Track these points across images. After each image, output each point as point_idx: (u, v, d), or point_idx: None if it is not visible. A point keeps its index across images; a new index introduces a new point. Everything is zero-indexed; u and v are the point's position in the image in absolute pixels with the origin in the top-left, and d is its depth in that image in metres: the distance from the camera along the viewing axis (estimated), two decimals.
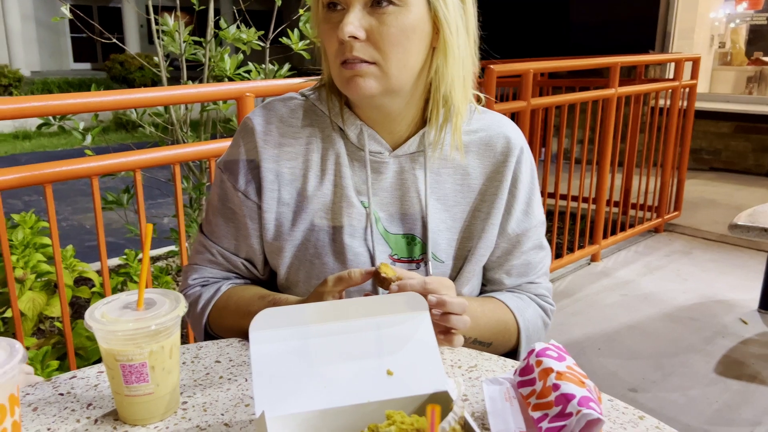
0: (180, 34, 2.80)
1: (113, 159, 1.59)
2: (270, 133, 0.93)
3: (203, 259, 0.99)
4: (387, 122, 0.92)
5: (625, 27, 6.14)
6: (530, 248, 1.01)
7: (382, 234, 0.93)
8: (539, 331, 1.02)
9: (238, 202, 0.94)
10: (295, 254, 0.93)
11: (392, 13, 0.81)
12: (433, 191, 0.94)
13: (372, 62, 0.83)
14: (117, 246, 4.15)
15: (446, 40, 0.85)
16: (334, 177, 0.93)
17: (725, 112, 5.50)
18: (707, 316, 2.72)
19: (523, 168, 0.97)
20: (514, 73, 2.74)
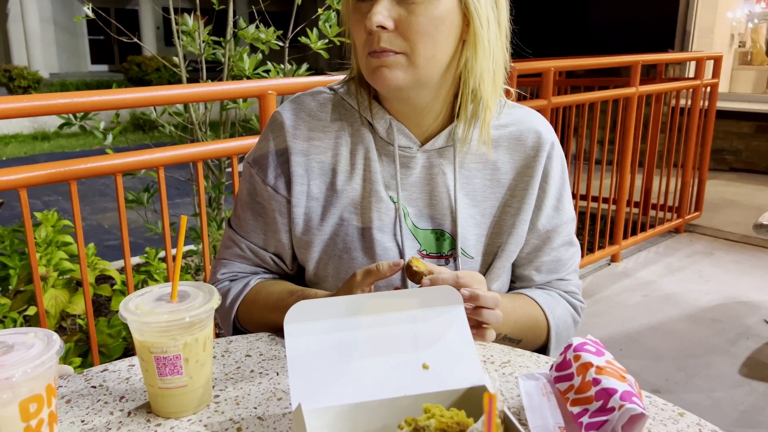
0: (200, 34, 2.81)
1: (137, 156, 1.60)
2: (299, 128, 0.93)
3: (232, 254, 0.99)
4: (415, 116, 0.91)
5: (645, 25, 6.09)
6: (560, 245, 0.99)
7: (410, 229, 0.93)
8: (569, 329, 1.01)
9: (267, 196, 0.94)
10: (323, 249, 0.93)
11: (421, 3, 0.80)
12: (462, 186, 0.93)
13: (400, 52, 0.82)
14: (135, 245, 4.18)
15: (476, 33, 0.84)
16: (363, 171, 0.92)
17: (746, 112, 5.43)
18: (730, 318, 2.68)
19: (554, 163, 0.96)
20: (535, 71, 2.73)
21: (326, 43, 2.86)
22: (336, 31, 2.77)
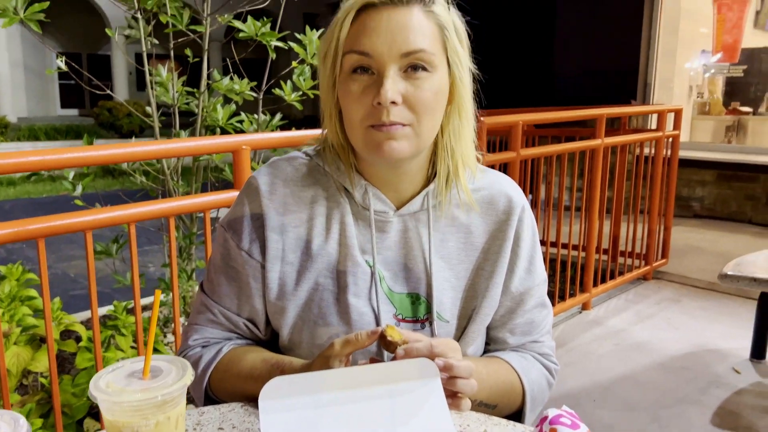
0: (173, 85, 2.82)
1: (108, 212, 1.58)
2: (275, 192, 0.93)
3: (204, 319, 0.97)
4: (395, 181, 0.93)
5: (608, 77, 6.32)
6: (533, 306, 1.01)
7: (386, 293, 0.93)
8: (544, 392, 1.01)
9: (241, 261, 0.93)
10: (298, 314, 0.92)
11: (425, 78, 0.83)
12: (437, 249, 0.94)
13: (407, 124, 0.84)
14: (103, 295, 4.07)
15: (463, 102, 0.89)
16: (339, 236, 0.92)
17: (706, 161, 5.62)
18: (700, 366, 2.72)
19: (525, 227, 0.98)
20: (504, 125, 2.79)
21: (300, 95, 2.90)
22: (310, 84, 2.81)
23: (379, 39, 0.82)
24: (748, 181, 5.38)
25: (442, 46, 0.86)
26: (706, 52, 6.81)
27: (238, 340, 0.98)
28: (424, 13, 0.84)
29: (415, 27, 0.83)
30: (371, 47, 0.82)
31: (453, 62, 0.87)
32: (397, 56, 0.82)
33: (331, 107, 0.89)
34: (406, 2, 0.83)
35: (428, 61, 0.83)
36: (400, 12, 0.83)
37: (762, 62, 6.80)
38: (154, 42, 2.81)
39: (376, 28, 0.82)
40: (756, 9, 6.85)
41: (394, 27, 0.82)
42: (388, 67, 0.82)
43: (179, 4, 2.75)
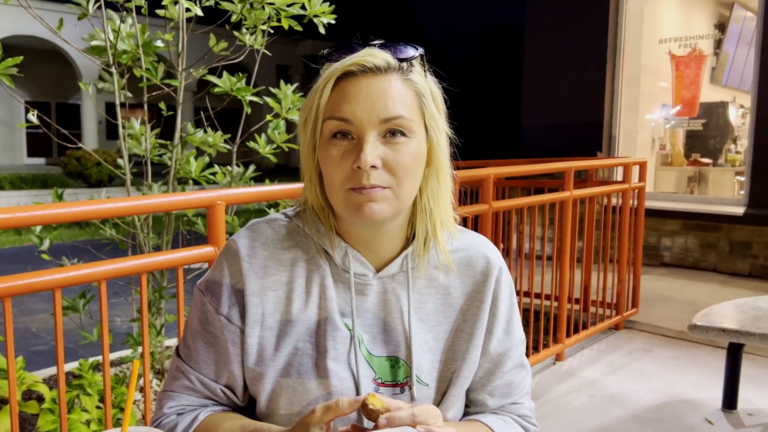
0: (146, 137, 2.82)
1: (78, 270, 1.54)
2: (255, 256, 0.93)
3: (180, 386, 0.95)
4: (374, 242, 0.93)
5: (574, 130, 6.51)
6: (512, 368, 1.00)
7: (365, 357, 0.92)
8: None
9: (220, 326, 0.92)
10: (277, 380, 0.91)
11: (404, 143, 0.86)
12: (416, 311, 0.94)
13: (387, 187, 0.86)
14: (67, 351, 3.94)
15: (441, 166, 0.91)
16: (319, 299, 0.92)
17: (671, 210, 5.77)
18: (674, 417, 2.72)
19: (503, 287, 0.99)
20: (476, 178, 2.84)
21: (274, 148, 2.92)
22: (284, 137, 2.83)
23: (359, 106, 0.84)
24: (712, 230, 5.53)
25: (419, 112, 0.88)
26: (667, 105, 7.08)
27: (215, 406, 0.96)
28: (402, 81, 0.86)
29: (394, 94, 0.85)
30: (351, 114, 0.84)
31: (430, 127, 0.89)
32: (377, 122, 0.84)
33: (311, 170, 0.91)
34: (384, 71, 0.86)
35: (406, 126, 0.85)
36: (378, 80, 0.85)
37: (719, 116, 7.09)
38: (128, 95, 2.82)
39: (356, 96, 0.84)
40: (712, 65, 7.18)
41: (373, 94, 0.84)
42: (367, 133, 0.84)
43: (154, 58, 2.77)
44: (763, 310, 2.64)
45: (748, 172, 5.51)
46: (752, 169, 5.46)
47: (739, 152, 6.91)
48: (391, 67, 0.86)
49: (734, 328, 2.47)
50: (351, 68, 0.85)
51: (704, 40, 7.00)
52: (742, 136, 6.86)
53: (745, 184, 5.60)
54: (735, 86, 7.32)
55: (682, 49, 6.86)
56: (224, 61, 2.87)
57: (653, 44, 6.85)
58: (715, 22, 7.41)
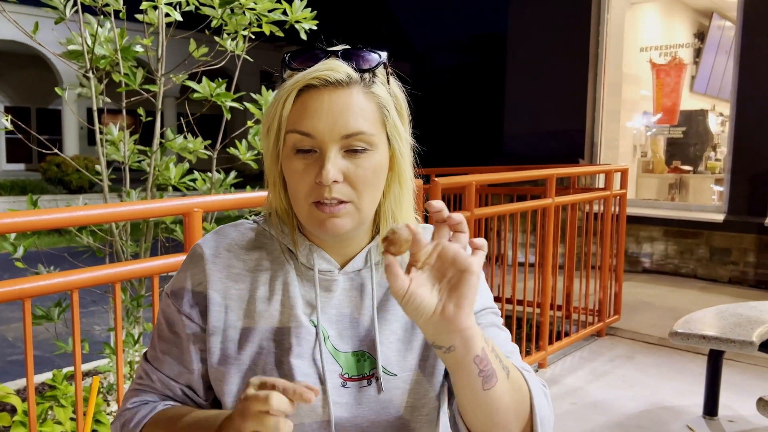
0: (125, 143, 2.78)
1: (48, 279, 1.50)
2: (219, 256, 0.94)
3: (143, 384, 0.97)
4: (337, 245, 0.94)
5: (556, 137, 6.54)
6: (487, 325, 0.95)
7: (331, 352, 0.92)
8: (546, 401, 0.89)
9: (182, 325, 0.93)
10: (241, 379, 0.90)
11: (365, 157, 0.86)
12: (382, 304, 0.95)
13: (348, 201, 0.86)
14: (43, 360, 3.87)
15: (403, 172, 0.92)
16: (282, 297, 0.92)
17: (652, 217, 5.82)
18: (656, 425, 2.72)
19: None
20: (458, 185, 2.83)
21: (255, 154, 2.89)
22: None
23: (321, 121, 0.84)
24: (692, 237, 5.58)
25: (381, 123, 0.88)
26: (648, 113, 7.16)
27: (177, 404, 0.96)
28: (364, 95, 0.86)
29: (356, 110, 0.85)
30: (313, 128, 0.84)
31: (392, 137, 0.90)
32: (338, 138, 0.84)
33: (275, 176, 0.92)
34: (346, 84, 0.85)
35: (368, 141, 0.86)
36: (340, 94, 0.85)
37: (699, 124, 7.17)
38: (106, 100, 2.77)
39: (318, 110, 0.84)
40: (692, 74, 7.27)
41: (335, 109, 0.84)
42: (329, 148, 0.84)
43: (133, 63, 2.74)
44: (743, 317, 2.65)
45: (728, 179, 5.57)
46: (731, 177, 5.52)
47: (718, 160, 7.00)
48: (353, 80, 0.86)
49: (715, 335, 2.47)
50: (312, 82, 0.85)
51: (684, 48, 7.09)
52: (722, 143, 6.95)
53: (725, 191, 5.66)
54: (714, 94, 7.42)
55: (663, 58, 6.94)
56: (205, 67, 2.84)
57: (634, 53, 6.93)
58: (695, 31, 7.52)
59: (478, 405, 0.78)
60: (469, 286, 0.72)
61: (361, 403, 0.90)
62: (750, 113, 5.40)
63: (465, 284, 0.72)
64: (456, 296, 0.72)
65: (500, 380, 0.78)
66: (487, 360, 0.76)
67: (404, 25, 27.24)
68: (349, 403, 0.90)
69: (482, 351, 0.75)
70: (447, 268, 0.74)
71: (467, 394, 0.78)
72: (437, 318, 0.73)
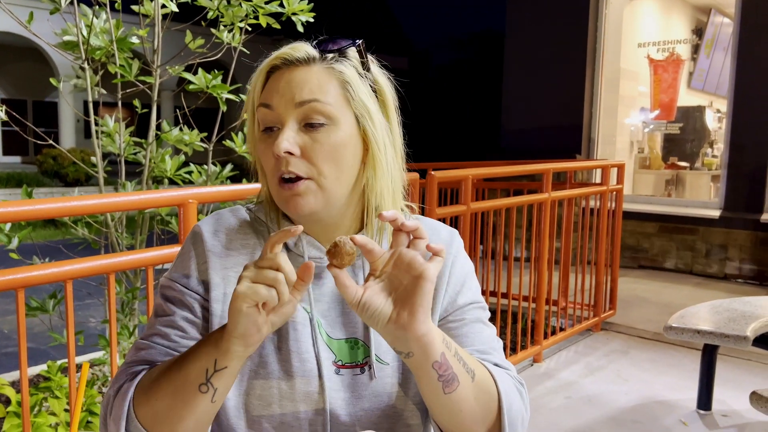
0: (120, 135, 2.77)
1: (42, 270, 1.50)
2: (218, 238, 0.94)
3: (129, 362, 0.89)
4: (326, 231, 0.94)
5: (553, 132, 6.54)
6: (471, 320, 0.96)
7: (325, 341, 0.92)
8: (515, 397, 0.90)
9: (188, 299, 0.91)
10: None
11: (324, 132, 0.86)
12: None
13: (308, 178, 0.86)
14: (38, 352, 3.86)
15: (375, 156, 0.91)
16: None
17: (649, 213, 5.83)
18: (650, 419, 2.73)
19: (459, 259, 0.99)
20: (455, 179, 2.83)
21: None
22: None
23: (278, 93, 0.87)
24: (688, 233, 5.59)
25: (344, 99, 0.88)
26: (645, 109, 7.16)
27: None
28: (324, 70, 0.88)
29: (312, 81, 0.87)
30: (272, 101, 0.87)
31: (360, 116, 0.89)
32: (292, 107, 0.86)
33: (259, 161, 0.93)
34: (305, 62, 0.88)
35: (324, 112, 0.86)
36: (300, 70, 0.88)
37: (696, 120, 7.18)
38: (102, 92, 2.76)
39: (278, 86, 0.88)
40: (689, 70, 7.27)
41: (293, 83, 0.87)
42: (286, 120, 0.86)
43: (129, 54, 2.72)
44: (738, 312, 2.66)
45: (724, 175, 5.58)
46: (728, 173, 5.53)
47: (715, 156, 7.00)
48: (311, 57, 0.88)
49: (709, 329, 2.48)
50: (275, 62, 0.89)
51: (682, 44, 7.09)
52: (719, 140, 6.95)
53: (721, 187, 5.67)
54: (712, 91, 7.42)
55: (661, 54, 6.94)
56: (201, 59, 2.83)
57: (632, 48, 6.92)
58: (693, 28, 7.51)
59: (441, 407, 0.82)
60: (423, 293, 0.73)
61: (354, 391, 0.91)
62: (747, 110, 5.40)
63: (419, 291, 0.73)
64: (410, 304, 0.74)
65: (463, 384, 0.80)
66: (447, 365, 0.78)
67: (402, 21, 27.20)
68: (342, 391, 0.91)
69: (442, 356, 0.77)
70: (403, 276, 0.75)
71: (430, 397, 0.81)
72: (392, 326, 0.75)
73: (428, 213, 2.62)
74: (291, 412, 0.89)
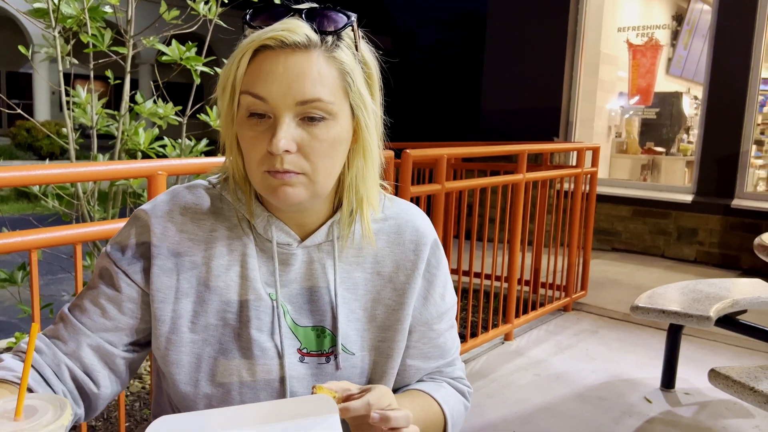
0: (93, 106, 2.72)
1: (7, 238, 1.48)
2: (171, 220, 0.89)
3: (49, 333, 0.88)
4: (297, 217, 0.91)
5: (532, 115, 6.57)
6: (446, 329, 1.01)
7: (290, 327, 0.90)
8: (461, 417, 1.02)
9: (116, 280, 0.87)
10: (196, 351, 0.88)
11: (322, 127, 0.81)
12: (343, 281, 0.93)
13: (301, 173, 0.82)
14: (9, 326, 3.83)
15: (366, 144, 0.87)
16: (240, 268, 0.89)
17: (623, 197, 5.90)
18: (615, 396, 2.80)
19: (438, 254, 0.99)
20: (430, 158, 2.84)
21: None
22: None
23: (274, 85, 0.79)
24: (661, 217, 5.68)
25: (343, 92, 0.83)
26: (624, 94, 7.21)
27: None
28: (325, 59, 0.81)
29: (314, 75, 0.80)
30: (267, 92, 0.79)
31: (356, 106, 0.85)
32: (292, 104, 0.80)
33: (231, 140, 0.87)
34: (305, 47, 0.80)
35: (326, 110, 0.81)
36: (298, 57, 0.80)
37: (673, 106, 7.25)
38: (74, 62, 2.71)
39: (272, 73, 0.79)
40: (668, 57, 7.32)
41: (290, 73, 0.79)
42: (282, 115, 0.80)
43: (101, 23, 2.67)
44: (703, 293, 2.72)
45: (697, 161, 5.66)
46: (701, 158, 5.61)
47: (691, 142, 7.09)
48: (312, 43, 0.80)
49: (673, 309, 2.54)
50: (268, 42, 0.79)
51: (662, 30, 7.13)
52: (695, 126, 7.04)
53: (694, 173, 5.75)
54: (690, 77, 7.49)
55: (640, 38, 6.98)
56: (176, 30, 2.79)
57: (612, 33, 6.94)
58: (674, 14, 7.55)
59: None
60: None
61: (318, 380, 0.90)
62: (721, 97, 5.47)
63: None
64: None
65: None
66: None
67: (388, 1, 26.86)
68: (306, 379, 0.89)
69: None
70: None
71: None
72: None
73: (402, 192, 2.63)
74: (251, 399, 0.88)
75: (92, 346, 0.87)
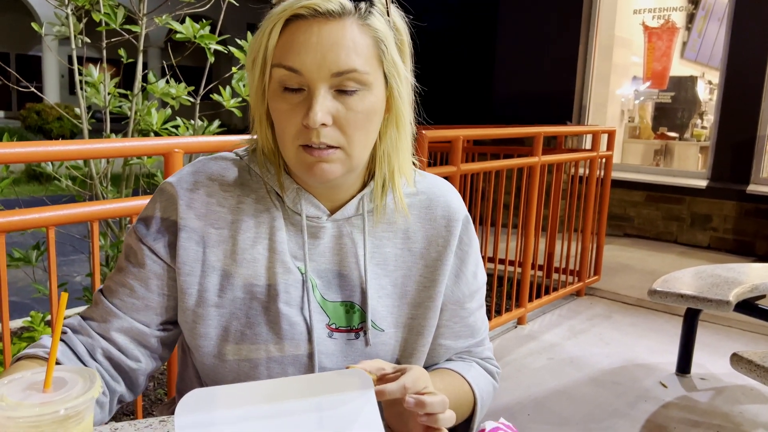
0: (105, 85, 2.70)
1: (24, 215, 1.47)
2: (196, 191, 0.87)
3: (85, 315, 0.88)
4: (328, 190, 0.89)
5: (545, 99, 6.50)
6: (476, 308, 1.00)
7: (319, 302, 0.88)
8: (490, 397, 1.00)
9: (142, 257, 0.87)
10: (223, 324, 0.86)
11: (358, 98, 0.79)
12: (373, 256, 0.91)
13: (337, 147, 0.80)
14: (22, 306, 3.84)
15: (400, 115, 0.85)
16: (269, 241, 0.87)
17: (637, 182, 5.85)
18: (630, 380, 2.78)
19: (469, 232, 0.97)
20: (444, 139, 2.81)
21: (239, 101, 2.83)
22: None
23: (309, 56, 0.77)
24: (674, 202, 5.62)
25: (377, 60, 0.81)
26: (638, 78, 7.12)
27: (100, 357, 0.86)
28: (359, 27, 0.79)
29: (348, 44, 0.77)
30: (300, 64, 0.77)
31: (390, 75, 0.83)
32: (328, 76, 0.78)
33: (261, 113, 0.85)
34: (338, 15, 0.78)
35: (361, 80, 0.79)
36: (332, 26, 0.77)
37: (687, 90, 7.15)
38: (86, 41, 2.68)
39: (306, 44, 0.77)
40: (683, 40, 7.21)
41: (324, 43, 0.77)
42: (318, 87, 0.78)
43: (113, 2, 2.64)
44: (721, 278, 2.69)
45: (712, 146, 5.59)
46: (716, 144, 5.53)
47: (704, 127, 7.00)
48: (346, 11, 0.78)
49: (692, 293, 2.51)
50: (301, 11, 0.77)
51: (678, 12, 7.01)
52: (709, 111, 6.94)
53: (709, 158, 5.68)
54: (705, 62, 7.38)
55: (655, 21, 6.87)
56: (189, 9, 2.75)
57: (627, 15, 6.84)
58: None
59: None
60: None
61: (347, 356, 0.88)
62: (738, 81, 5.38)
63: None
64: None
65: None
66: None
67: None
68: (335, 355, 0.88)
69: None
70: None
71: None
72: None
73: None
74: (279, 374, 0.86)
75: (124, 328, 0.87)
